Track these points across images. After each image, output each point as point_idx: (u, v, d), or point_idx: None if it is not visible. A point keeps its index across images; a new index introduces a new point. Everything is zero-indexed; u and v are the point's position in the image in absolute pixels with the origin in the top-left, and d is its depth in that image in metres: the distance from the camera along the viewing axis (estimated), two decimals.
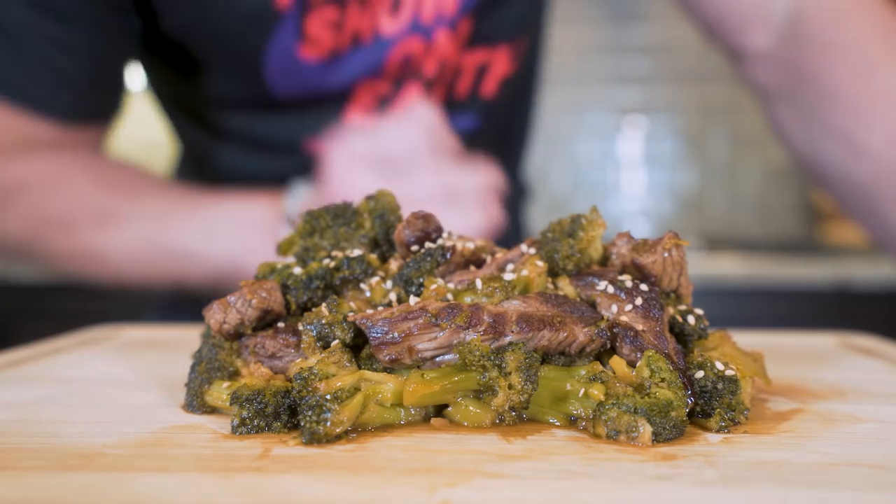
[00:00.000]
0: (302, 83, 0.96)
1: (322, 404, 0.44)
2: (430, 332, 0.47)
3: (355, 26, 0.92)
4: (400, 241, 0.56)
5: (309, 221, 0.59)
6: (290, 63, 0.93)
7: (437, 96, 1.03)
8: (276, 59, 0.93)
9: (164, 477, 0.38)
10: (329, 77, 0.95)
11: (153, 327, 0.90)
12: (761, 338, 0.82)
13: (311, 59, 0.93)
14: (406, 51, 0.96)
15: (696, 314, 0.54)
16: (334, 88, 0.97)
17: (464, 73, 1.02)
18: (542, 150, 3.13)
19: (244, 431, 0.46)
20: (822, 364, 0.68)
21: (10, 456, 0.41)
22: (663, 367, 0.47)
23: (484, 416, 0.47)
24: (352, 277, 0.55)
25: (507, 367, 0.46)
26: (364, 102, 1.00)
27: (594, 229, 0.55)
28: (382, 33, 0.94)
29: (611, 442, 0.44)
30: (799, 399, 0.55)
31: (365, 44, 0.94)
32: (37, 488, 0.36)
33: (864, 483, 0.37)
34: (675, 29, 2.97)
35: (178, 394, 0.55)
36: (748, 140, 3.03)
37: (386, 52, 0.95)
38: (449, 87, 1.02)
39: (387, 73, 0.97)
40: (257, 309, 0.52)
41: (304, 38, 0.91)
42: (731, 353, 0.53)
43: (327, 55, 0.93)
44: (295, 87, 0.96)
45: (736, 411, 0.47)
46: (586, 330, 0.49)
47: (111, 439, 0.44)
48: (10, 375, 0.62)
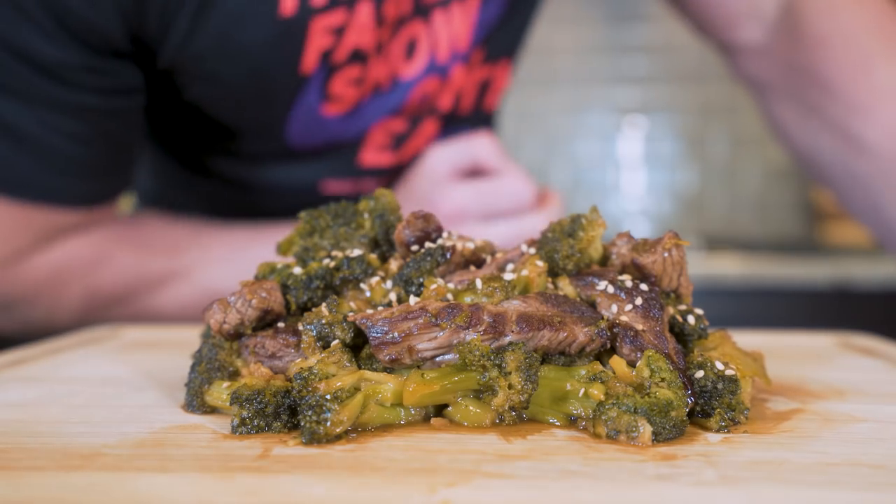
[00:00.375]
0: (322, 135, 0.95)
1: (322, 404, 0.44)
2: (430, 332, 0.47)
3: (376, 78, 0.92)
4: (400, 241, 0.56)
5: (309, 221, 0.59)
6: (313, 120, 0.93)
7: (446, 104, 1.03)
8: (298, 119, 0.92)
9: (164, 477, 0.38)
10: (349, 127, 0.95)
11: (153, 327, 0.90)
12: (761, 338, 0.82)
13: (333, 114, 0.93)
14: (424, 91, 0.96)
15: (696, 314, 0.54)
16: (353, 135, 0.97)
17: (467, 91, 1.02)
18: (542, 150, 3.13)
19: (244, 431, 0.46)
20: (821, 364, 0.68)
21: (11, 456, 0.41)
22: (663, 366, 0.47)
23: (484, 416, 0.47)
24: (352, 277, 0.55)
25: (507, 366, 0.46)
26: (378, 141, 0.99)
27: (594, 229, 0.55)
28: (401, 78, 0.94)
29: (611, 442, 0.44)
30: (799, 399, 0.55)
31: (384, 91, 0.94)
32: (37, 488, 0.36)
33: (864, 483, 0.37)
34: (675, 29, 2.97)
35: (178, 394, 0.55)
36: (748, 140, 3.03)
37: (404, 95, 0.95)
38: (454, 105, 1.02)
39: (404, 112, 0.97)
40: (257, 309, 0.52)
41: (328, 98, 0.91)
42: (731, 353, 0.53)
43: (349, 109, 0.93)
44: (314, 139, 0.96)
45: (736, 411, 0.47)
46: (586, 330, 0.49)
47: (111, 439, 0.44)
48: (10, 375, 0.62)
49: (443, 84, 0.96)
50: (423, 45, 0.93)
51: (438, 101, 0.98)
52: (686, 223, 3.06)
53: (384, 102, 0.95)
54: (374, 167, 1.02)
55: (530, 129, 3.14)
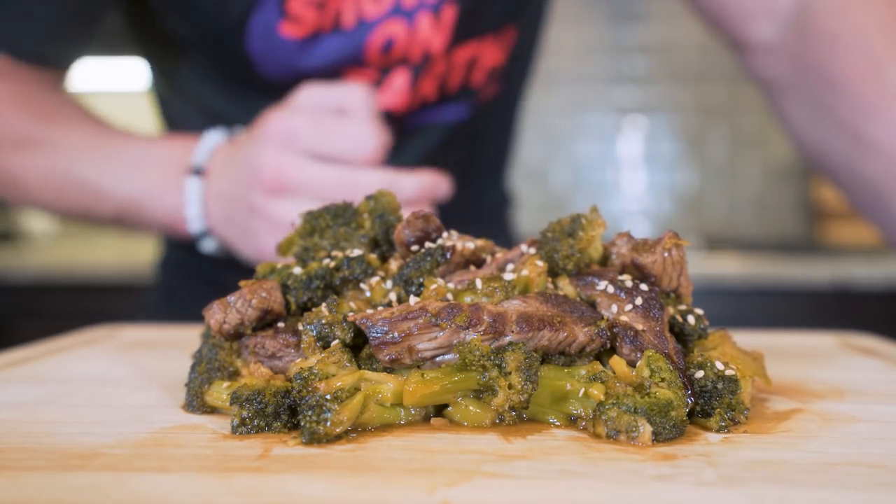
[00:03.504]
0: (283, 62, 0.96)
1: (322, 404, 0.44)
2: (430, 331, 0.47)
3: (338, 7, 0.93)
4: (400, 241, 0.56)
5: (309, 221, 0.59)
6: (272, 41, 0.93)
7: (430, 89, 1.02)
8: (258, 37, 0.93)
9: (163, 477, 0.38)
10: (309, 57, 0.95)
11: (153, 327, 0.90)
12: (761, 338, 0.82)
13: (291, 36, 0.93)
14: (388, 34, 0.95)
15: (696, 314, 0.54)
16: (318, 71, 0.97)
17: (455, 69, 1.02)
18: (542, 150, 3.13)
19: (244, 431, 0.46)
20: (821, 364, 0.68)
21: (10, 456, 0.41)
22: (663, 366, 0.47)
23: (484, 416, 0.47)
24: (352, 277, 0.55)
25: (507, 366, 0.46)
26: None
27: (594, 229, 0.55)
28: (365, 17, 0.94)
29: (611, 442, 0.44)
30: (799, 399, 0.55)
31: (347, 27, 0.94)
32: (37, 488, 0.36)
33: (864, 483, 0.37)
34: (675, 29, 2.97)
35: (178, 394, 0.55)
36: (748, 140, 3.03)
37: (367, 34, 0.95)
38: (441, 81, 1.02)
39: (370, 58, 0.97)
40: (257, 309, 0.52)
41: (286, 16, 0.91)
42: (731, 353, 0.53)
43: (308, 34, 0.94)
44: (278, 67, 0.96)
45: (736, 411, 0.47)
46: (586, 330, 0.49)
47: (111, 439, 0.44)
48: (9, 375, 0.62)
49: (410, 32, 0.95)
50: None
51: (408, 54, 0.97)
52: (686, 223, 3.06)
53: (345, 39, 0.95)
54: None
55: (530, 128, 3.14)
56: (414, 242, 0.56)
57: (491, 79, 1.07)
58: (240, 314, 0.52)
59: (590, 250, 0.55)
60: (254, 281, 0.54)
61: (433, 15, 0.95)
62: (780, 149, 2.99)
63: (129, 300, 2.51)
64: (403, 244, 0.56)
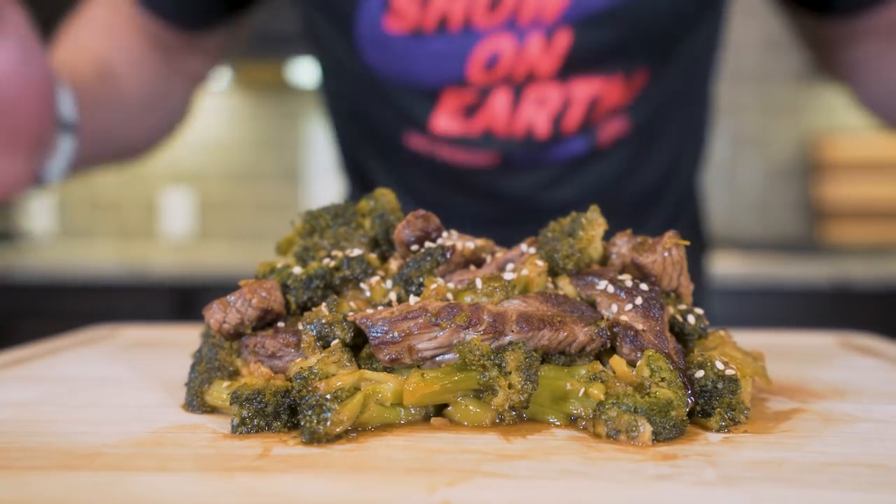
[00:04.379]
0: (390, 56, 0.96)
1: (322, 404, 0.44)
2: (430, 331, 0.47)
3: (443, 7, 0.91)
4: (400, 240, 0.56)
5: (309, 221, 0.59)
6: (377, 33, 0.94)
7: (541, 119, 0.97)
8: (365, 27, 0.95)
9: (164, 477, 0.38)
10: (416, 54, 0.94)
11: (153, 327, 0.90)
12: (761, 338, 0.82)
13: (395, 30, 0.93)
14: (494, 48, 0.93)
15: (696, 314, 0.54)
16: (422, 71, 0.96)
17: (575, 104, 0.96)
18: None
19: (244, 431, 0.46)
20: (821, 364, 0.68)
21: (10, 456, 0.41)
22: (663, 366, 0.47)
23: (484, 416, 0.47)
24: (352, 277, 0.55)
25: (507, 366, 0.46)
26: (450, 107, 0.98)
27: (594, 229, 0.55)
28: (474, 25, 0.92)
29: (611, 441, 0.44)
30: (799, 399, 0.55)
31: (452, 31, 0.93)
32: (37, 488, 0.36)
33: (864, 483, 0.37)
34: None
35: (178, 394, 0.55)
36: (748, 140, 3.03)
37: (473, 45, 0.93)
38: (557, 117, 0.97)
39: (472, 73, 0.94)
40: (257, 309, 0.52)
41: (389, 9, 0.92)
42: (731, 352, 0.53)
43: (411, 29, 0.93)
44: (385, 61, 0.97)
45: (736, 411, 0.47)
46: (586, 329, 0.49)
47: (111, 439, 0.44)
48: (10, 375, 0.62)
49: (517, 50, 0.92)
50: (508, 2, 0.91)
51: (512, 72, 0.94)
52: None
53: (450, 45, 0.93)
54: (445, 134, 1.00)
55: None
56: (414, 242, 0.56)
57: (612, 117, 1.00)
58: (240, 314, 0.52)
59: (590, 250, 0.55)
60: (254, 280, 0.54)
61: (545, 38, 0.92)
62: (781, 149, 2.99)
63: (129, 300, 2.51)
64: (403, 244, 0.56)
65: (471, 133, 0.99)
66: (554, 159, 1.01)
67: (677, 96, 1.05)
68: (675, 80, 1.03)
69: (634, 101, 0.99)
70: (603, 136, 1.01)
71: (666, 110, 1.04)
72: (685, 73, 1.04)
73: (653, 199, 1.10)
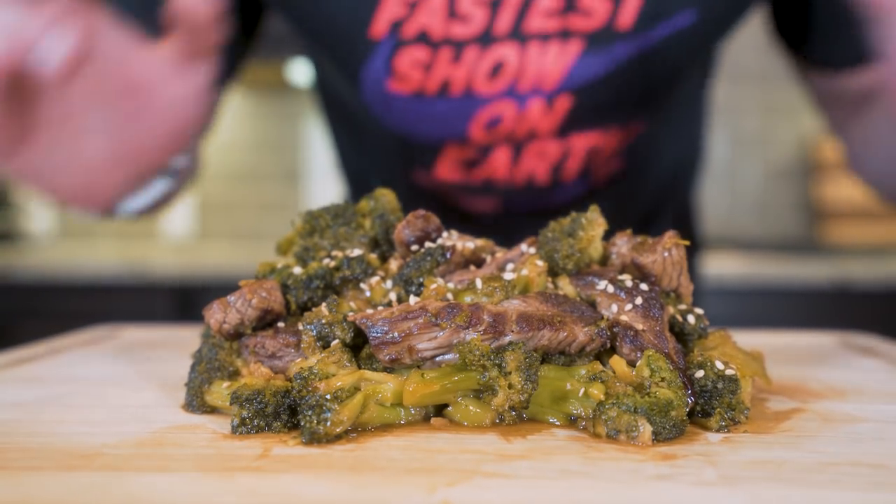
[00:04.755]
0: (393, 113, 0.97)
1: (322, 404, 0.44)
2: (430, 331, 0.47)
3: (445, 74, 0.92)
4: (400, 240, 0.56)
5: (309, 221, 0.59)
6: (381, 91, 0.95)
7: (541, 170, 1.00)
8: (369, 87, 0.95)
9: (164, 477, 0.38)
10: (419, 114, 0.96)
11: (153, 327, 0.90)
12: (761, 338, 0.82)
13: (398, 92, 0.95)
14: (496, 112, 0.95)
15: (696, 314, 0.54)
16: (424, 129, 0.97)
17: (573, 156, 0.99)
18: None
19: (244, 431, 0.46)
20: (821, 364, 0.68)
21: (10, 456, 0.41)
22: (663, 366, 0.47)
23: (484, 416, 0.47)
24: (352, 277, 0.55)
25: (507, 366, 0.46)
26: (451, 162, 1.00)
27: (594, 229, 0.55)
28: (475, 91, 0.94)
29: (611, 441, 0.44)
30: (799, 399, 0.55)
31: (454, 95, 0.94)
32: (36, 488, 0.36)
33: (864, 483, 0.37)
34: None
35: (178, 394, 0.55)
36: (748, 140, 3.03)
37: (475, 109, 0.95)
38: (555, 166, 1.00)
39: (473, 133, 0.96)
40: (257, 309, 0.52)
41: (393, 73, 0.93)
42: (731, 352, 0.53)
43: (413, 91, 0.94)
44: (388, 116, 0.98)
45: (736, 411, 0.47)
46: (586, 329, 0.49)
47: (111, 439, 0.44)
48: (10, 375, 0.62)
49: (518, 113, 0.94)
50: (509, 70, 0.92)
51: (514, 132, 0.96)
52: None
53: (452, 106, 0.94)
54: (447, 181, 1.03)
55: None
56: (414, 242, 0.56)
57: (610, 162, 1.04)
58: (240, 314, 0.52)
59: (590, 250, 0.55)
60: (254, 281, 0.54)
61: (545, 103, 0.93)
62: (781, 149, 2.99)
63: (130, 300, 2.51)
64: (403, 244, 0.56)
65: (472, 182, 1.01)
66: (552, 203, 1.04)
67: (671, 132, 1.09)
68: (670, 121, 1.06)
69: (629, 145, 1.02)
70: (598, 178, 1.04)
71: (661, 145, 1.08)
72: (679, 112, 1.08)
73: (650, 218, 1.14)
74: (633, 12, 0.89)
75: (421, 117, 0.96)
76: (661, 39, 0.90)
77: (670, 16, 0.89)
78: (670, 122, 1.07)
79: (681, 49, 0.92)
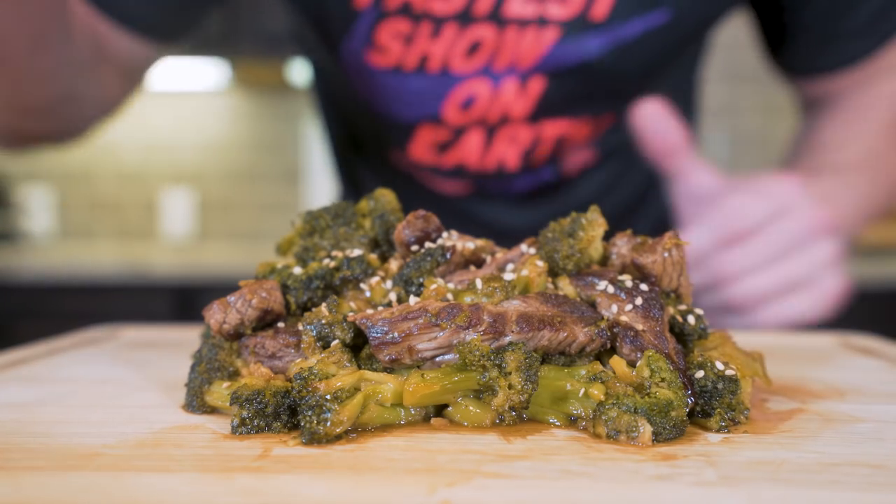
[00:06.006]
0: (371, 87, 0.99)
1: (322, 404, 0.44)
2: (430, 332, 0.47)
3: (423, 49, 0.94)
4: (400, 240, 0.56)
5: (309, 221, 0.59)
6: (360, 64, 0.97)
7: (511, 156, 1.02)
8: (350, 60, 0.97)
9: (164, 477, 0.38)
10: (394, 87, 0.97)
11: (153, 327, 0.90)
12: (761, 338, 0.82)
13: (377, 65, 0.96)
14: (470, 92, 0.97)
15: (696, 314, 0.54)
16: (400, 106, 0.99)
17: (543, 143, 1.02)
18: None
19: (244, 431, 0.46)
20: (822, 364, 0.68)
21: (10, 456, 0.41)
22: (663, 366, 0.47)
23: (484, 416, 0.47)
24: (352, 277, 0.55)
25: (507, 366, 0.46)
26: (424, 144, 1.02)
27: (594, 229, 0.55)
28: (452, 69, 0.96)
29: (611, 442, 0.44)
30: (799, 399, 0.55)
31: (431, 72, 0.96)
32: (36, 488, 0.36)
33: (864, 483, 0.37)
34: None
35: (178, 394, 0.55)
36: (748, 140, 3.03)
37: (451, 87, 0.97)
38: (527, 151, 1.02)
39: (447, 113, 0.98)
40: (257, 309, 0.52)
41: (373, 45, 0.94)
42: (731, 353, 0.53)
43: (392, 65, 0.96)
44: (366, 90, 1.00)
45: (736, 411, 0.47)
46: (586, 330, 0.49)
47: (111, 439, 0.44)
48: (10, 375, 0.62)
49: (492, 92, 0.96)
50: (485, 49, 0.94)
51: (486, 114, 0.98)
52: None
53: (429, 83, 0.96)
54: (419, 163, 1.05)
55: None
56: (414, 242, 0.56)
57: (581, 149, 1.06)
58: (240, 314, 0.52)
59: (590, 250, 0.55)
60: (254, 281, 0.54)
61: (520, 83, 0.96)
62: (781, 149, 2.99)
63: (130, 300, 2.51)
64: (403, 244, 0.56)
65: (443, 165, 1.04)
66: (522, 187, 1.07)
67: None
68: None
69: (601, 137, 1.05)
70: (569, 166, 1.06)
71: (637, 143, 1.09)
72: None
73: (628, 214, 1.16)
74: (607, 5, 0.91)
75: (398, 93, 0.98)
76: (635, 35, 0.93)
77: (644, 13, 0.91)
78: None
79: (654, 46, 0.94)
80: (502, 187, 1.07)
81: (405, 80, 0.96)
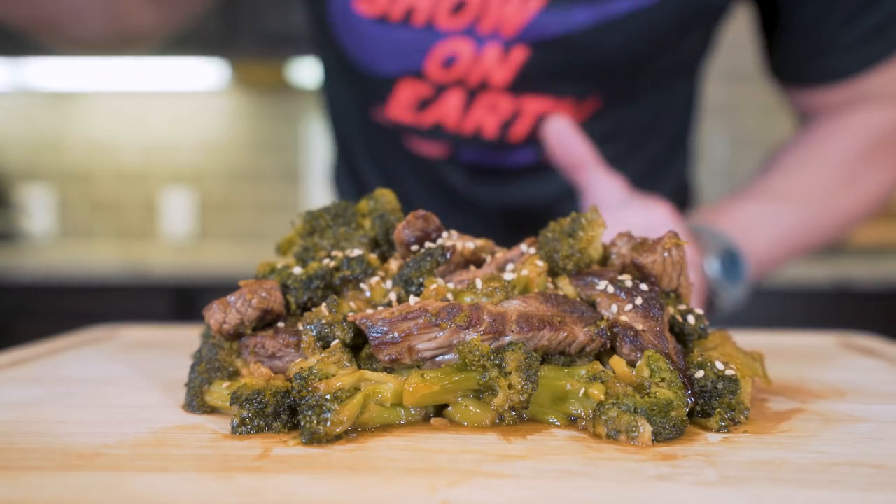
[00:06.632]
0: (355, 37, 1.00)
1: (322, 404, 0.44)
2: (430, 331, 0.47)
3: (411, 1, 0.96)
4: (400, 240, 0.56)
5: (309, 221, 0.59)
6: (347, 12, 0.98)
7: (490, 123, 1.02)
8: (336, 8, 0.99)
9: (164, 477, 0.38)
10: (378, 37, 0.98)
11: (153, 327, 0.90)
12: (761, 338, 0.82)
13: (363, 13, 0.98)
14: (453, 50, 0.97)
15: (696, 314, 0.54)
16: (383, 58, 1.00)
17: (524, 116, 1.02)
18: None
19: (244, 431, 0.46)
20: (821, 364, 0.68)
21: (10, 456, 0.41)
22: (663, 366, 0.47)
23: (484, 416, 0.47)
24: (352, 277, 0.55)
25: (507, 366, 0.46)
26: (405, 99, 1.03)
27: (594, 229, 0.55)
28: (436, 24, 0.96)
29: (611, 442, 0.44)
30: (799, 399, 0.55)
31: (416, 25, 0.97)
32: (36, 488, 0.36)
33: (864, 483, 0.37)
34: None
35: (178, 394, 0.55)
36: (748, 140, 3.03)
37: (434, 42, 0.97)
38: (505, 121, 1.02)
39: (429, 69, 0.99)
40: (257, 309, 0.52)
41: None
42: (731, 353, 0.53)
43: (378, 15, 0.98)
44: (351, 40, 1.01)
45: (736, 411, 0.47)
46: (586, 330, 0.49)
47: (111, 439, 0.44)
48: (10, 375, 0.62)
49: (475, 54, 0.97)
50: (471, 9, 0.95)
51: (467, 76, 0.99)
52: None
53: (413, 36, 0.97)
54: (398, 122, 1.06)
55: None
56: (414, 242, 0.56)
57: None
58: (240, 314, 0.52)
59: (590, 250, 0.55)
60: (254, 281, 0.54)
61: (502, 49, 0.96)
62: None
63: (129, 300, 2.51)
64: (403, 244, 0.56)
65: (421, 124, 1.04)
66: (501, 164, 1.07)
67: (636, 127, 1.10)
68: (635, 111, 1.08)
69: (583, 123, 1.04)
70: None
71: (627, 138, 1.10)
72: (646, 105, 1.09)
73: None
74: None
75: (381, 44, 0.99)
76: (622, 12, 0.93)
77: None
78: (634, 118, 1.08)
79: (641, 27, 0.94)
80: (480, 159, 1.07)
81: (390, 30, 0.97)
